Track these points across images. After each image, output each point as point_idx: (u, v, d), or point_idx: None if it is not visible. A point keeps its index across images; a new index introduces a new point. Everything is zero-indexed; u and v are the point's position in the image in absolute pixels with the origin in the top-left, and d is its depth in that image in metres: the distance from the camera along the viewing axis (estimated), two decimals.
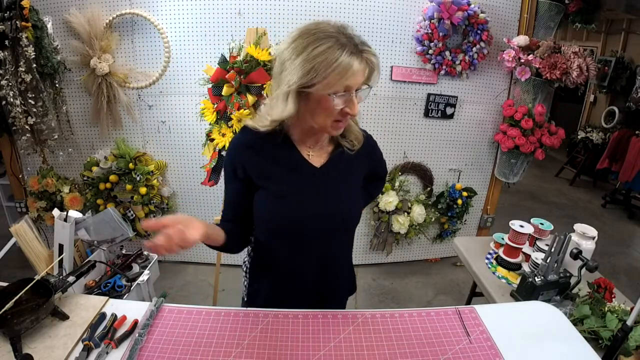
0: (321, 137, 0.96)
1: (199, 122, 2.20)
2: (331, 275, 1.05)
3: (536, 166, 5.19)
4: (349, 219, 1.00)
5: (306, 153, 0.96)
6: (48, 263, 1.29)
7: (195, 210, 2.59)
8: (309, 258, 1.00)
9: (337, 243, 1.05)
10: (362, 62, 0.80)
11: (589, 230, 1.47)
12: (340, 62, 0.77)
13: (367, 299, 2.54)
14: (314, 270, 1.02)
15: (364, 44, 0.82)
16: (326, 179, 0.96)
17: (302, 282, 1.03)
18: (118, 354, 0.83)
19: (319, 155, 0.97)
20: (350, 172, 1.00)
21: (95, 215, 1.38)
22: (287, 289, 1.04)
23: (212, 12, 2.17)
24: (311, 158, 0.96)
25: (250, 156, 0.93)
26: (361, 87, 0.84)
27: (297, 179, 0.94)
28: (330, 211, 0.95)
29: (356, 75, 0.80)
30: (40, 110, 2.07)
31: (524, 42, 2.25)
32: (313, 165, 0.95)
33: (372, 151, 1.07)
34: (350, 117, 0.86)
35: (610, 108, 4.97)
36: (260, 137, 0.92)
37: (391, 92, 2.42)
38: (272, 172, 0.93)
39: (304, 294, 1.04)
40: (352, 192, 1.01)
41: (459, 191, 2.65)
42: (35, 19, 2.00)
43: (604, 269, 2.94)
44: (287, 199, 0.93)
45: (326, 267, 1.03)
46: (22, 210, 2.55)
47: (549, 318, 1.02)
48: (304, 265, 1.01)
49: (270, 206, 0.94)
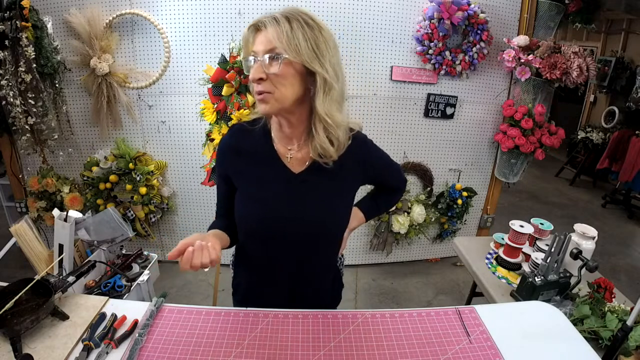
0: (291, 134, 0.93)
1: (199, 122, 2.21)
2: (306, 283, 1.03)
3: (536, 166, 5.19)
4: (325, 229, 0.96)
5: (285, 155, 0.94)
6: (48, 263, 1.29)
7: (195, 210, 2.59)
8: (283, 262, 0.99)
9: (313, 251, 1.00)
10: (254, 27, 0.83)
11: (589, 230, 1.47)
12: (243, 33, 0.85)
13: (367, 299, 2.54)
14: (287, 274, 1.01)
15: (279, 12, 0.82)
16: (304, 187, 0.94)
17: (275, 283, 1.03)
18: (118, 354, 0.83)
19: (298, 159, 0.94)
20: (334, 180, 0.95)
21: (95, 215, 1.38)
22: (262, 287, 1.05)
23: (212, 12, 2.17)
24: (290, 162, 0.94)
25: (232, 157, 0.96)
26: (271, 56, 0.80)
27: (274, 184, 0.94)
28: (305, 219, 0.93)
29: (256, 40, 0.82)
30: (40, 110, 2.07)
31: (524, 42, 2.25)
32: (291, 170, 0.94)
33: (365, 157, 0.99)
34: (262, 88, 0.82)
35: (610, 108, 4.97)
36: (244, 137, 0.95)
37: (391, 92, 2.42)
38: (250, 174, 0.95)
39: (279, 296, 1.04)
40: (333, 202, 0.96)
41: (459, 191, 2.65)
42: (35, 19, 2.00)
43: (604, 269, 2.94)
44: (261, 202, 0.93)
45: (300, 274, 1.01)
46: (22, 210, 2.55)
47: (549, 318, 1.02)
48: (277, 267, 1.00)
49: (245, 207, 0.95)
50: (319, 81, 0.82)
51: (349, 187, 1.00)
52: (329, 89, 0.84)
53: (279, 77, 0.81)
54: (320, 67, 0.81)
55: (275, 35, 0.79)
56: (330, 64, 0.83)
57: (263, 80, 0.81)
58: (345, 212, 1.00)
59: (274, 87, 0.82)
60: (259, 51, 0.81)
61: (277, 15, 0.80)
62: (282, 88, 0.82)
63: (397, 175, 1.14)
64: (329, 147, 0.88)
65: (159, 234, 2.66)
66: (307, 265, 1.01)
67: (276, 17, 0.80)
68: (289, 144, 0.95)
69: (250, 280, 1.07)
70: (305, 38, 0.79)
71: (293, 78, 0.82)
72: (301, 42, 0.79)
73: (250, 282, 1.08)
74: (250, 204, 0.94)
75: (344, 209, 1.00)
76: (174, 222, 2.64)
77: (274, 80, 0.81)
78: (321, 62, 0.81)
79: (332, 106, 0.85)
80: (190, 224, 2.64)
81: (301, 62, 0.80)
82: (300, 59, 0.80)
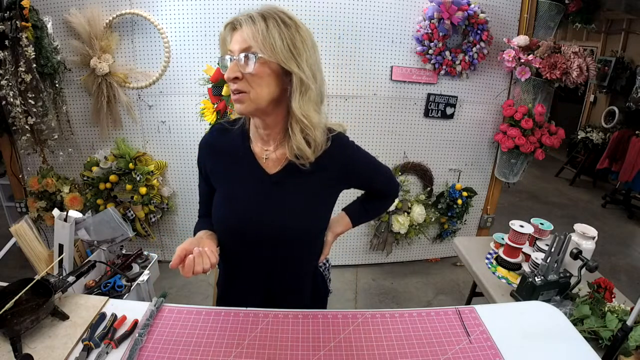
0: (268, 135, 0.92)
1: (199, 122, 2.21)
2: (281, 285, 1.03)
3: (536, 166, 5.19)
4: (298, 232, 0.93)
5: (261, 156, 0.93)
6: (48, 263, 1.29)
7: (195, 210, 2.57)
8: (257, 262, 0.99)
9: (288, 253, 0.97)
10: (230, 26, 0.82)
11: (589, 230, 1.47)
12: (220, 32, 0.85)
13: (367, 299, 2.54)
14: (263, 274, 1.00)
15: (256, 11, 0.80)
16: (277, 188, 0.92)
17: (250, 282, 1.03)
18: (118, 354, 0.83)
19: (274, 160, 0.93)
20: (309, 183, 0.92)
21: (95, 215, 1.38)
22: (238, 285, 1.05)
23: (212, 12, 2.17)
24: (266, 162, 0.93)
25: (210, 156, 0.98)
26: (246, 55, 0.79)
27: (248, 185, 0.94)
28: (277, 221, 0.91)
29: (229, 40, 0.83)
30: (40, 110, 2.07)
31: (524, 42, 2.25)
32: (266, 171, 0.93)
33: (346, 160, 0.95)
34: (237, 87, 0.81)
35: (610, 108, 4.97)
36: (223, 136, 0.96)
37: (391, 92, 2.42)
38: (226, 173, 0.96)
39: (254, 294, 1.04)
40: (308, 204, 0.93)
41: (459, 191, 2.65)
42: (35, 19, 2.00)
43: (604, 269, 2.94)
44: (235, 201, 0.94)
45: (275, 276, 1.00)
46: (22, 210, 2.55)
47: (549, 318, 1.02)
48: (252, 267, 1.00)
49: (219, 206, 0.96)
50: (295, 81, 0.81)
51: (328, 191, 0.97)
52: (306, 90, 0.82)
53: (254, 76, 0.79)
54: (296, 67, 0.80)
55: (251, 34, 0.78)
56: (307, 64, 0.81)
57: (238, 79, 0.80)
58: (321, 215, 0.98)
59: (249, 87, 0.81)
60: (234, 50, 0.80)
61: (254, 13, 0.79)
62: (257, 88, 0.81)
63: (386, 180, 1.08)
64: (305, 148, 0.86)
65: (159, 234, 2.66)
66: (281, 267, 0.99)
67: (252, 16, 0.78)
68: (266, 144, 0.93)
69: (227, 276, 1.08)
70: (282, 37, 0.78)
71: (269, 78, 0.81)
72: (277, 41, 0.77)
73: (228, 278, 1.09)
74: (225, 203, 0.95)
75: (321, 212, 0.98)
76: (174, 222, 2.64)
77: (250, 79, 0.80)
78: (298, 62, 0.80)
79: (309, 107, 0.84)
80: (190, 224, 2.61)
81: (277, 61, 0.79)
82: (276, 58, 0.78)
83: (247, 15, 0.79)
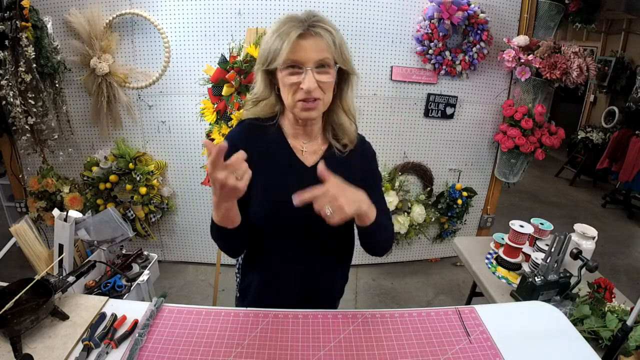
0: (310, 130, 0.96)
1: (199, 122, 2.21)
2: (316, 282, 1.04)
3: (536, 166, 5.19)
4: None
5: (299, 149, 0.97)
6: (48, 263, 1.29)
7: (195, 210, 2.59)
8: (295, 256, 1.00)
9: (324, 245, 1.01)
10: (307, 34, 0.82)
11: (589, 230, 1.47)
12: (282, 31, 0.81)
13: (367, 299, 2.54)
14: (299, 271, 1.02)
15: (318, 19, 0.83)
16: (316, 179, 0.91)
17: (286, 283, 1.03)
18: (118, 354, 0.83)
19: (312, 152, 0.97)
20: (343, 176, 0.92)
21: (95, 215, 1.38)
22: (274, 287, 1.05)
23: (212, 12, 2.17)
24: (304, 155, 0.97)
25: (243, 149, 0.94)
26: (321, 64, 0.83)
27: (286, 176, 0.95)
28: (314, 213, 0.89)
29: (302, 47, 0.81)
30: (40, 110, 2.07)
31: (524, 42, 2.25)
32: (304, 163, 0.96)
33: (369, 161, 1.03)
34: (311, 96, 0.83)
35: (610, 108, 4.97)
36: (254, 130, 0.96)
37: (391, 92, 2.42)
38: (263, 166, 0.94)
39: (289, 296, 1.04)
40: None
41: (459, 191, 2.65)
42: (35, 19, 2.00)
43: (604, 269, 2.94)
44: (275, 193, 0.94)
45: (309, 272, 1.02)
46: (22, 210, 2.55)
47: (549, 318, 1.02)
48: (291, 261, 1.01)
49: (259, 198, 0.95)
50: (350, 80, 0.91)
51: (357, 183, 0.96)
52: (353, 85, 0.92)
53: (326, 83, 0.85)
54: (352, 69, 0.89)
55: (326, 44, 0.82)
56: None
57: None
58: None
59: (322, 93, 0.86)
60: (311, 59, 0.82)
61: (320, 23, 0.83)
62: (328, 93, 0.88)
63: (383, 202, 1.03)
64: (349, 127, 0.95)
65: (159, 234, 2.66)
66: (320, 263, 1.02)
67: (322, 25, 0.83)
68: (304, 138, 0.98)
69: (261, 281, 1.06)
70: (343, 44, 0.86)
71: (333, 82, 0.88)
72: (344, 50, 0.86)
73: (261, 284, 1.06)
74: (266, 195, 0.94)
75: None
76: (174, 222, 2.64)
77: (323, 86, 0.85)
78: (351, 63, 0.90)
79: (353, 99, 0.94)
80: (190, 224, 2.63)
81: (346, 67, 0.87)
82: (346, 65, 0.87)
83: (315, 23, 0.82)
